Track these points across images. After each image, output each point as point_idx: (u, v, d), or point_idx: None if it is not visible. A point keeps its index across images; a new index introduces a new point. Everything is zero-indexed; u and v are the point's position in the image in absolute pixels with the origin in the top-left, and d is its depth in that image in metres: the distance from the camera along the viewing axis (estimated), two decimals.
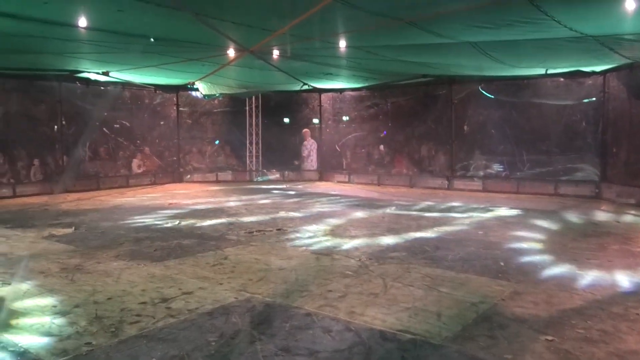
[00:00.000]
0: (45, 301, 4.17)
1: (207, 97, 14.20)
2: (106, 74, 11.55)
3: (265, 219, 8.28)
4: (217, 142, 15.99)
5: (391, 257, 5.66)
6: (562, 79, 11.17)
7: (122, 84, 13.09)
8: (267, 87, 14.59)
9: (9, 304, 4.08)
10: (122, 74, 11.67)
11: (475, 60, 9.16)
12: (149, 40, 7.83)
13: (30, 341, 3.38)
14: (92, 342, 3.34)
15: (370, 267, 5.22)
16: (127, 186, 13.34)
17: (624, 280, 4.74)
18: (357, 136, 15.31)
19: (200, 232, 7.15)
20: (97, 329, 3.57)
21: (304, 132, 15.73)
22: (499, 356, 3.15)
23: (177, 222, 7.97)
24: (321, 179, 15.20)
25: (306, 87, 14.00)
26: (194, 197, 11.31)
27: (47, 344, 3.34)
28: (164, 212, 8.95)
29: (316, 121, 15.93)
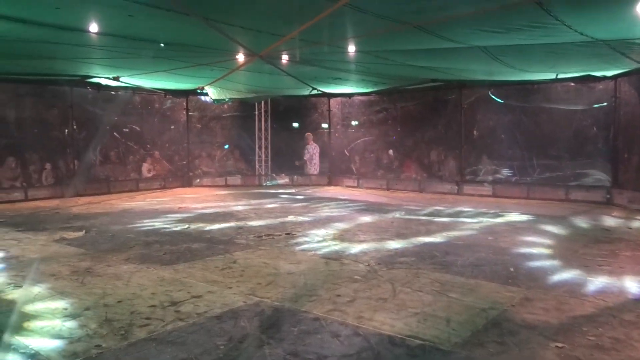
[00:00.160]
0: (55, 304, 4.20)
1: (217, 101, 14.29)
2: (117, 79, 11.66)
3: (274, 223, 8.30)
4: (226, 147, 16.06)
5: (400, 262, 5.65)
6: (573, 84, 11.10)
7: (133, 88, 13.22)
8: (276, 92, 14.65)
9: (20, 307, 4.12)
10: (132, 79, 11.78)
11: (484, 64, 9.13)
12: (159, 45, 7.91)
13: (40, 344, 3.41)
14: (102, 345, 3.37)
15: (379, 272, 5.21)
16: (137, 190, 13.44)
17: (635, 287, 4.69)
18: (366, 141, 15.30)
19: (209, 236, 7.18)
20: (107, 331, 3.60)
21: (307, 135, 15.71)
22: None
23: (187, 226, 8.01)
24: (330, 184, 15.20)
25: (315, 92, 14.02)
26: (203, 201, 11.36)
27: (58, 347, 3.37)
28: (173, 216, 9.00)
29: (325, 126, 15.96)
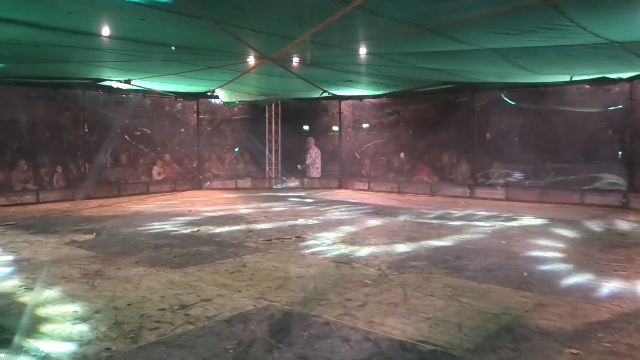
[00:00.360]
0: (66, 306, 4.24)
1: (227, 104, 14.36)
2: (128, 82, 11.77)
3: (284, 226, 8.31)
4: (236, 150, 16.13)
5: (411, 266, 5.62)
6: (588, 86, 10.99)
7: (144, 91, 13.34)
8: (286, 95, 14.69)
9: (31, 309, 4.16)
10: (143, 81, 11.89)
11: (497, 67, 9.08)
12: (170, 48, 7.97)
13: (51, 346, 3.44)
14: (112, 348, 3.39)
15: (390, 276, 5.19)
16: (147, 193, 13.53)
17: None
18: (377, 143, 15.28)
19: (219, 239, 7.21)
20: (117, 334, 3.62)
21: (308, 139, 15.72)
22: None
23: (196, 229, 8.05)
24: (340, 187, 15.20)
25: (326, 95, 14.04)
26: (213, 204, 11.41)
27: (68, 349, 3.39)
28: (183, 219, 9.05)
29: (336, 128, 15.97)
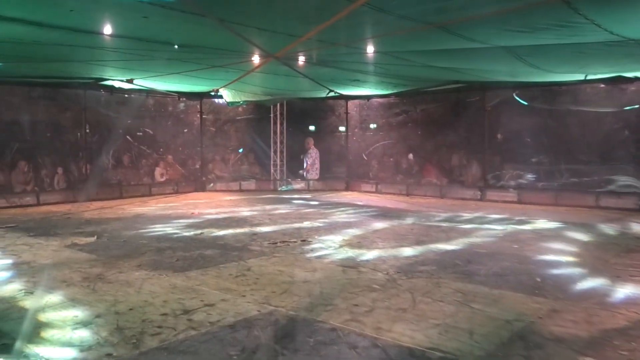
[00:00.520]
0: (66, 311, 4.25)
1: (231, 104, 14.38)
2: (130, 81, 11.82)
3: (289, 229, 8.31)
4: (240, 150, 16.15)
5: (420, 270, 5.60)
6: (603, 85, 10.93)
7: (146, 91, 13.38)
8: (292, 94, 14.70)
9: (32, 314, 4.18)
10: (146, 81, 11.93)
11: (509, 65, 9.04)
12: (173, 47, 8.00)
13: (51, 352, 3.45)
14: (113, 354, 3.39)
15: (398, 281, 5.17)
16: (149, 195, 13.57)
17: None
18: (384, 144, 15.26)
19: (222, 243, 7.21)
20: (118, 340, 3.63)
21: (307, 140, 15.68)
22: None
23: (200, 231, 8.06)
24: (347, 189, 15.18)
25: (332, 94, 14.03)
26: (217, 206, 11.43)
27: (68, 355, 3.40)
28: (186, 222, 9.07)
29: (342, 129, 15.96)
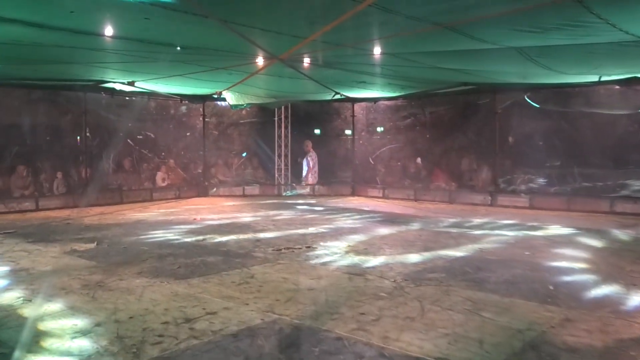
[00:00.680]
0: (66, 319, 4.26)
1: (235, 107, 14.43)
2: (131, 84, 11.89)
3: (293, 235, 8.30)
4: (244, 155, 16.18)
5: (429, 278, 5.58)
6: (617, 87, 10.89)
7: (148, 94, 13.46)
8: (297, 97, 14.73)
9: (30, 322, 4.19)
10: (147, 83, 12.00)
11: (520, 67, 9.03)
12: (175, 48, 8.04)
13: None
14: None
15: (405, 289, 5.15)
16: (150, 200, 13.61)
17: None
18: (392, 148, 15.26)
19: (225, 249, 7.22)
20: (118, 349, 3.63)
21: (306, 143, 15.65)
22: None
23: (202, 238, 8.07)
24: (353, 194, 15.17)
25: (338, 97, 14.06)
26: (220, 211, 11.45)
27: None
28: (188, 228, 9.08)
29: (348, 132, 15.97)
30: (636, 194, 10.84)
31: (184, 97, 14.43)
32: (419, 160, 14.63)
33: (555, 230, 8.82)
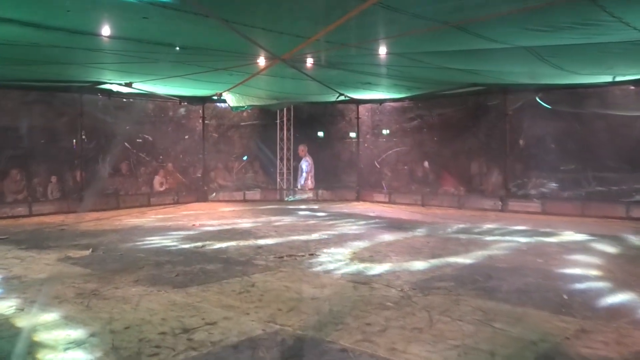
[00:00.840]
0: (59, 329, 4.25)
1: (235, 109, 14.46)
2: (129, 85, 11.92)
3: (296, 242, 8.29)
4: (245, 158, 16.20)
5: (437, 287, 5.56)
6: (633, 87, 10.87)
7: (145, 95, 13.50)
8: (299, 98, 14.75)
9: (22, 332, 4.18)
10: (145, 84, 12.03)
11: (531, 67, 9.01)
12: (174, 49, 8.06)
13: None
14: None
15: (413, 298, 5.13)
16: (148, 205, 13.63)
17: None
18: (398, 151, 15.25)
19: (225, 256, 7.21)
20: None
21: (301, 148, 15.61)
22: None
23: (201, 244, 8.07)
24: (358, 199, 15.16)
25: (342, 98, 14.07)
26: (220, 217, 11.45)
27: None
28: (186, 234, 9.08)
29: (353, 135, 15.97)
30: None
31: (183, 98, 14.48)
32: (426, 163, 14.61)
33: (568, 236, 8.78)
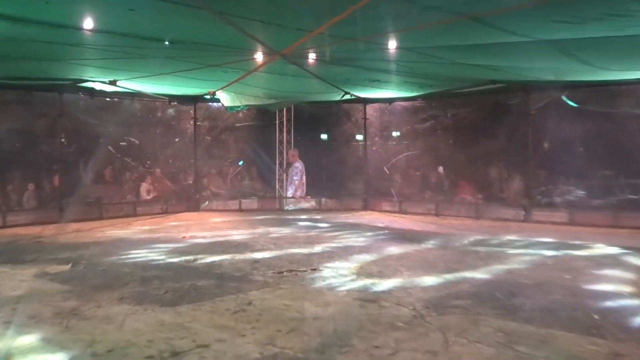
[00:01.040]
0: (36, 353, 4.25)
1: (230, 109, 14.48)
2: (113, 83, 11.96)
3: (297, 255, 8.29)
4: (240, 163, 16.24)
5: (453, 305, 5.55)
6: None
7: (131, 94, 13.53)
8: (300, 97, 14.79)
9: None
10: (131, 82, 12.06)
11: (556, 62, 9.03)
12: (163, 43, 8.09)
13: None
14: None
15: (426, 318, 5.12)
16: (134, 215, 13.65)
17: None
18: (409, 156, 15.28)
19: (219, 271, 7.21)
20: None
21: (291, 153, 15.66)
22: None
23: (192, 258, 8.07)
24: (365, 208, 15.15)
25: (348, 97, 14.09)
26: (213, 228, 11.46)
27: None
28: (176, 247, 9.09)
29: (360, 137, 16.00)
30: None
31: (172, 98, 14.52)
32: (440, 169, 14.62)
33: (599, 249, 8.76)
